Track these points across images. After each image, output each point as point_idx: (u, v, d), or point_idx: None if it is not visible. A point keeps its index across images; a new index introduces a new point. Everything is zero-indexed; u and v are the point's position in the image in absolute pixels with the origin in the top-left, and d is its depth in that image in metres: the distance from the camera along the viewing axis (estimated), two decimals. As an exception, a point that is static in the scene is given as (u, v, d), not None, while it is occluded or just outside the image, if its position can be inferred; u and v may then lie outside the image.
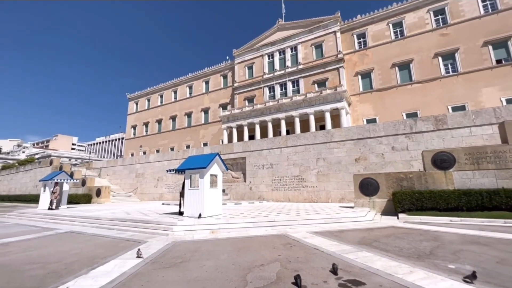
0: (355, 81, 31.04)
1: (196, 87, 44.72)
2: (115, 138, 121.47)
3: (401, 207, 10.33)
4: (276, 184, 18.36)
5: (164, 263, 4.92)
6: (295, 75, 34.11)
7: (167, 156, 26.00)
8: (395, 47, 29.40)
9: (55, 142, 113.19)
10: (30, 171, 36.28)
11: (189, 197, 9.71)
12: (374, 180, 11.99)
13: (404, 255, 5.10)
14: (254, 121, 32.67)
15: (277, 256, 5.25)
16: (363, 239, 6.63)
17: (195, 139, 42.05)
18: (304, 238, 6.79)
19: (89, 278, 4.16)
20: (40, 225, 11.17)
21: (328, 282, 3.77)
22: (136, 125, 51.66)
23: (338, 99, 27.70)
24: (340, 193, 15.93)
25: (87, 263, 5.02)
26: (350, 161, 16.01)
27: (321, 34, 33.39)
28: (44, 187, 16.71)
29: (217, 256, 5.32)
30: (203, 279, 4.02)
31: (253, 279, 3.97)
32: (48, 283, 3.96)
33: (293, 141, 18.39)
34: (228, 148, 21.57)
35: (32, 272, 4.57)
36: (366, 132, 15.92)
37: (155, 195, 25.10)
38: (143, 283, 3.92)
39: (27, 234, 8.84)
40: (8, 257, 5.66)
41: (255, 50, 38.31)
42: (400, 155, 14.58)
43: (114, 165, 30.54)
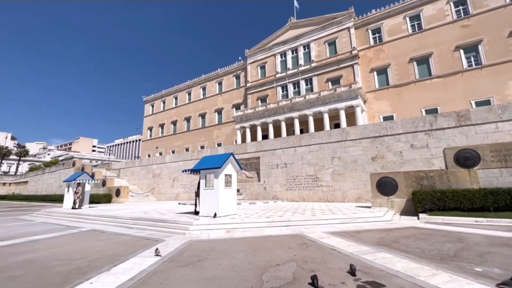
0: (371, 77, 30.22)
1: (210, 88, 45.26)
2: (132, 140, 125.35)
3: (422, 207, 9.95)
4: (291, 184, 18.23)
5: (181, 262, 5.01)
6: (308, 73, 33.72)
7: (182, 156, 26.50)
8: (412, 41, 28.34)
9: (77, 144, 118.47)
10: (54, 172, 38.20)
11: (204, 197, 9.84)
12: (392, 179, 11.62)
13: (426, 257, 4.90)
14: (267, 120, 32.62)
15: (293, 256, 5.20)
16: (382, 240, 6.45)
17: (209, 140, 42.59)
18: (320, 238, 6.69)
19: (111, 274, 4.31)
20: (65, 223, 11.73)
21: (346, 283, 3.70)
22: (152, 126, 53.04)
23: (353, 97, 27.09)
24: (357, 192, 15.58)
25: (109, 261, 5.20)
26: (367, 159, 15.61)
27: (334, 31, 32.79)
28: (67, 187, 17.51)
29: (233, 256, 5.35)
30: (220, 278, 4.06)
31: (269, 279, 3.96)
32: (73, 279, 4.15)
33: (307, 140, 18.18)
34: (241, 148, 21.67)
35: (59, 268, 4.81)
36: (383, 130, 15.46)
37: (171, 195, 25.66)
38: (161, 280, 4.01)
39: (53, 232, 9.30)
40: (37, 254, 5.98)
41: (267, 50, 38.23)
42: (419, 153, 14.04)
43: (132, 166, 31.53)
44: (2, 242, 7.45)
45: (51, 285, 3.90)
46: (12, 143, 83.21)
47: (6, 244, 7.19)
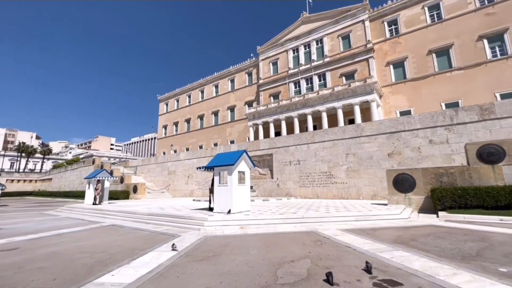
0: (387, 71, 29.27)
1: (222, 85, 45.53)
2: (148, 138, 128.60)
3: (441, 205, 9.60)
4: (304, 181, 18.11)
5: (197, 256, 5.13)
6: (321, 68, 33.14)
7: (196, 154, 26.93)
8: (431, 32, 27.12)
9: (96, 142, 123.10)
10: (76, 170, 39.93)
11: (218, 193, 9.98)
12: (410, 175, 11.28)
13: (446, 256, 4.75)
14: (280, 117, 32.44)
15: (307, 253, 5.20)
16: (399, 238, 6.30)
17: (222, 137, 42.96)
18: (335, 236, 6.63)
19: (131, 267, 4.49)
20: (87, 218, 12.28)
21: (361, 281, 3.65)
22: (166, 125, 54.15)
23: (368, 91, 26.38)
24: (372, 189, 15.25)
25: (128, 254, 5.41)
26: (383, 156, 15.22)
27: (348, 24, 31.95)
28: (88, 184, 18.27)
29: (247, 251, 5.42)
30: (235, 273, 4.12)
31: (283, 275, 3.98)
32: (96, 271, 4.36)
33: (321, 137, 17.95)
34: (254, 145, 21.72)
35: (83, 260, 5.06)
36: (400, 125, 15.00)
37: (186, 192, 26.18)
38: (178, 274, 4.14)
39: (76, 226, 9.77)
40: (63, 247, 6.32)
41: (279, 46, 37.87)
42: (439, 148, 13.52)
43: (148, 164, 32.42)
44: (31, 236, 7.92)
45: (76, 276, 4.12)
46: (36, 142, 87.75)
47: (35, 237, 7.64)
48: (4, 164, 70.13)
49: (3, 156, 72.00)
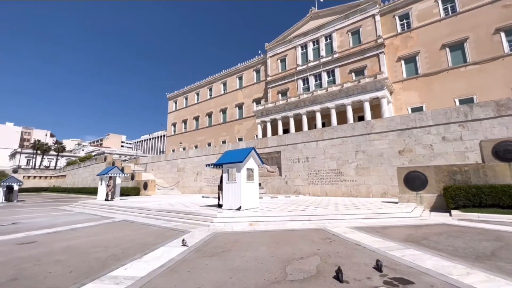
0: (398, 67, 28.62)
1: (230, 83, 45.61)
2: (157, 136, 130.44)
3: (455, 203, 9.38)
4: (313, 178, 18.02)
5: (207, 252, 5.20)
6: (330, 65, 32.71)
7: (205, 151, 27.16)
8: (445, 26, 26.30)
9: (107, 140, 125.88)
10: (88, 167, 41.01)
11: (227, 190, 10.06)
12: (422, 173, 11.05)
13: (459, 255, 4.65)
14: (288, 114, 32.28)
15: (316, 250, 5.19)
16: (410, 236, 6.20)
17: (230, 135, 43.14)
18: (344, 233, 6.59)
19: (143, 262, 4.60)
20: (99, 214, 12.62)
21: (372, 279, 3.63)
22: (175, 122, 54.77)
23: (379, 88, 25.89)
24: (382, 187, 15.03)
25: (140, 249, 5.54)
26: (393, 153, 14.96)
27: (358, 19, 31.35)
28: (101, 180, 18.75)
29: (256, 248, 5.45)
30: (244, 269, 4.17)
31: (292, 271, 4.00)
32: (109, 265, 4.49)
33: (330, 134, 17.78)
34: (262, 143, 21.72)
35: (96, 254, 5.22)
36: (411, 122, 14.68)
37: (195, 188, 26.50)
38: (189, 269, 4.21)
39: (90, 221, 10.06)
40: (77, 241, 6.53)
41: (288, 42, 37.56)
42: (452, 146, 13.17)
43: (158, 161, 32.94)
44: (47, 230, 8.21)
45: (91, 269, 4.25)
46: (51, 140, 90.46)
47: (51, 232, 7.92)
48: (21, 161, 72.71)
49: (20, 154, 74.62)
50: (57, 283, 3.70)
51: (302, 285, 3.47)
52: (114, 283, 3.62)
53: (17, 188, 24.79)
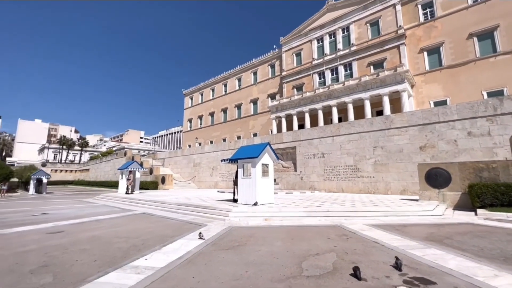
0: (420, 58, 27.29)
1: (245, 78, 45.57)
2: (174, 131, 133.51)
3: (481, 202, 8.90)
4: (328, 174, 17.75)
5: (223, 246, 5.29)
6: (347, 58, 31.78)
7: (220, 146, 27.47)
8: (472, 14, 24.66)
9: (127, 136, 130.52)
10: (110, 161, 42.77)
11: (242, 185, 10.14)
12: (445, 170, 10.56)
13: (485, 256, 4.43)
14: (303, 109, 31.85)
15: (333, 246, 5.13)
16: (431, 235, 5.98)
17: (245, 130, 43.28)
18: (361, 231, 6.46)
19: (162, 253, 4.76)
20: (121, 206, 13.17)
21: (391, 278, 3.54)
22: (191, 118, 55.69)
23: (399, 81, 24.86)
24: (402, 184, 14.54)
25: (159, 241, 5.74)
26: (414, 149, 14.39)
27: (377, 9, 30.10)
28: (121, 174, 19.52)
29: (271, 243, 5.48)
30: (260, 263, 4.20)
31: (308, 267, 3.98)
32: (131, 255, 4.68)
33: (347, 129, 17.37)
34: (277, 138, 21.62)
35: (119, 244, 5.46)
36: (434, 116, 14.01)
37: (211, 183, 26.94)
38: (206, 261, 4.31)
39: (112, 213, 10.53)
40: (101, 232, 6.86)
41: (303, 36, 36.83)
42: (479, 141, 12.46)
43: (175, 156, 33.75)
44: (74, 220, 8.69)
45: (114, 259, 4.46)
46: (75, 136, 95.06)
47: (76, 222, 8.38)
48: (48, 156, 77.15)
49: (48, 148, 79.16)
50: (83, 270, 3.91)
51: (318, 281, 3.45)
52: (135, 272, 3.77)
53: (46, 181, 26.37)
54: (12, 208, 12.86)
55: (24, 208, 12.79)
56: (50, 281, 3.51)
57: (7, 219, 9.16)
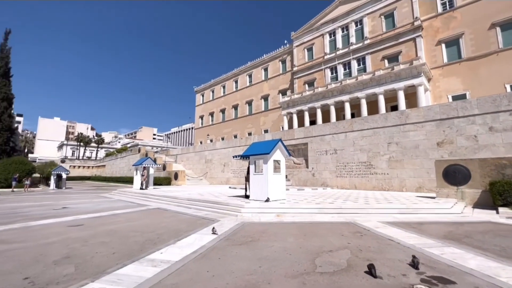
0: (437, 51, 26.24)
1: (256, 75, 45.42)
2: (186, 128, 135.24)
3: (503, 200, 8.53)
4: (341, 171, 17.50)
5: (236, 241, 5.35)
6: (360, 52, 31.00)
7: (232, 143, 27.62)
8: (495, 3, 23.36)
9: (140, 133, 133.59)
10: (124, 158, 43.94)
11: (254, 181, 10.17)
12: (464, 167, 10.17)
13: (508, 256, 4.25)
14: (315, 105, 31.45)
15: (346, 243, 5.07)
16: (450, 234, 5.79)
17: (256, 127, 43.29)
18: (376, 228, 6.35)
19: (176, 247, 4.86)
20: (135, 201, 13.54)
21: (407, 276, 3.46)
22: (203, 115, 56.24)
23: (415, 75, 24.04)
24: (418, 181, 14.14)
25: (173, 235, 5.86)
26: (431, 145, 13.93)
27: (392, 1, 29.07)
28: (136, 170, 20.03)
29: (284, 239, 5.48)
30: (273, 259, 4.22)
31: (322, 264, 3.96)
32: (147, 248, 4.82)
33: (360, 125, 17.01)
34: (289, 134, 21.49)
35: (135, 238, 5.62)
36: (452, 111, 13.48)
37: (222, 179, 27.20)
38: (219, 256, 4.37)
39: (127, 208, 10.85)
40: (118, 225, 7.08)
41: (315, 30, 36.19)
42: (501, 137, 11.89)
43: (187, 152, 34.25)
44: (92, 214, 9.02)
45: (131, 251, 4.60)
46: (91, 133, 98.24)
47: (95, 216, 8.69)
48: (67, 152, 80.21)
49: (66, 145, 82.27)
50: (103, 262, 4.06)
51: (332, 278, 3.43)
52: (152, 265, 3.88)
53: (65, 176, 27.46)
54: (35, 202, 13.50)
55: (46, 202, 13.39)
56: (72, 272, 3.67)
57: (31, 213, 9.63)
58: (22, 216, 8.76)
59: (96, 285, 3.20)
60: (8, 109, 32.75)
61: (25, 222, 7.61)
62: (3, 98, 32.02)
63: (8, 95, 32.84)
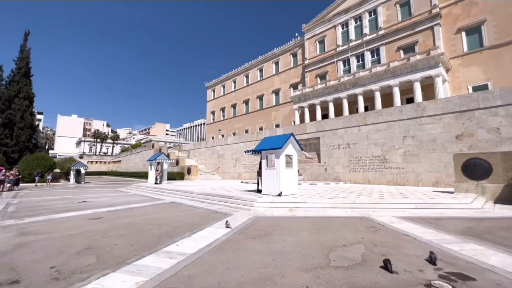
0: (457, 39, 25.03)
1: (266, 69, 45.08)
2: (198, 124, 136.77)
3: (527, 195, 8.14)
4: (354, 165, 17.23)
5: (249, 234, 5.41)
6: (374, 43, 30.06)
7: (243, 138, 27.72)
8: (522, -14, 21.95)
9: (153, 129, 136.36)
10: (139, 153, 45.06)
11: (266, 176, 10.19)
12: (485, 160, 9.75)
13: (533, 253, 4.07)
14: (327, 99, 30.93)
15: (361, 238, 5.02)
16: (469, 230, 5.61)
17: (267, 121, 43.17)
18: (391, 223, 6.24)
19: (192, 240, 4.98)
20: (151, 195, 13.91)
21: (424, 272, 3.40)
22: (214, 110, 56.62)
23: (432, 65, 23.10)
24: (435, 176, 13.72)
25: (188, 228, 6.00)
26: (449, 138, 13.43)
27: (408, -12, 27.89)
28: (150, 166, 20.52)
29: (297, 233, 5.49)
30: (286, 252, 4.24)
31: (336, 258, 3.95)
32: (163, 241, 4.96)
33: (374, 118, 16.61)
34: (300, 129, 21.30)
35: (151, 231, 5.80)
36: (473, 102, 12.90)
37: (234, 174, 27.43)
38: (234, 249, 4.44)
39: (143, 202, 11.17)
40: (135, 218, 7.32)
41: (327, 22, 35.33)
42: (526, 129, 11.29)
43: (199, 148, 34.71)
44: (110, 208, 9.36)
45: (148, 244, 4.76)
46: (107, 130, 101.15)
47: (113, 210, 9.01)
48: (84, 148, 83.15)
49: (84, 142, 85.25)
50: (123, 253, 4.23)
51: (347, 272, 3.42)
52: (169, 257, 4.00)
53: (84, 171, 28.53)
54: (57, 196, 14.15)
55: (66, 196, 14.01)
56: (94, 262, 3.85)
57: (53, 206, 10.11)
58: (46, 209, 9.21)
59: (117, 275, 3.34)
60: (30, 107, 34.19)
61: (49, 215, 8.00)
62: (25, 97, 33.45)
63: (29, 94, 34.26)
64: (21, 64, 34.21)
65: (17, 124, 32.44)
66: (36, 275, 3.38)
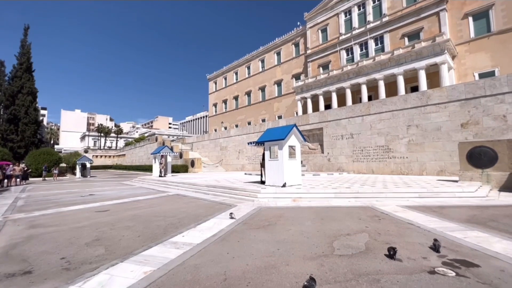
0: (463, 25, 24.35)
1: (268, 59, 44.51)
2: (200, 116, 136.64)
3: (533, 183, 8.09)
4: (357, 155, 17.18)
5: (253, 225, 5.48)
6: (378, 30, 29.38)
7: (246, 130, 27.70)
8: (532, -33, 21.12)
9: (156, 122, 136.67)
10: (143, 147, 45.36)
11: (270, 167, 10.23)
12: (490, 148, 9.66)
13: (538, 240, 4.07)
14: (330, 89, 30.58)
15: (364, 227, 5.06)
16: (474, 217, 5.61)
17: (269, 113, 42.95)
18: (394, 212, 6.26)
19: (197, 231, 5.06)
20: (155, 188, 14.08)
21: (428, 259, 3.43)
22: (216, 103, 56.40)
23: (438, 52, 22.59)
24: (439, 164, 13.65)
25: (193, 219, 6.09)
26: (454, 127, 13.28)
27: (414, -28, 27.01)
28: (154, 159, 20.70)
29: (301, 222, 5.55)
30: (291, 242, 4.30)
31: (340, 247, 3.99)
32: (169, 232, 5.05)
33: (377, 108, 16.44)
34: (303, 120, 21.19)
35: (157, 222, 5.90)
36: (479, 90, 12.67)
37: (238, 166, 27.57)
38: (238, 239, 4.51)
39: (148, 194, 11.32)
40: (141, 211, 7.44)
41: (329, 9, 34.53)
42: (533, 116, 11.10)
43: (202, 140, 34.81)
44: (117, 201, 9.51)
45: (155, 235, 4.85)
46: (111, 124, 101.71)
47: (119, 202, 9.16)
48: (89, 143, 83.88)
49: (88, 136, 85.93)
50: (130, 244, 4.32)
51: (351, 260, 3.46)
52: (175, 247, 4.07)
53: (89, 165, 28.87)
54: (64, 190, 14.39)
55: (73, 190, 14.24)
56: (103, 253, 3.94)
57: (62, 199, 10.30)
58: (54, 203, 9.39)
59: (125, 265, 3.42)
60: (33, 103, 34.38)
61: (57, 208, 8.17)
62: (28, 93, 33.59)
63: (32, 90, 34.38)
64: (22, 59, 34.18)
65: (22, 119, 32.71)
66: (47, 266, 3.48)
